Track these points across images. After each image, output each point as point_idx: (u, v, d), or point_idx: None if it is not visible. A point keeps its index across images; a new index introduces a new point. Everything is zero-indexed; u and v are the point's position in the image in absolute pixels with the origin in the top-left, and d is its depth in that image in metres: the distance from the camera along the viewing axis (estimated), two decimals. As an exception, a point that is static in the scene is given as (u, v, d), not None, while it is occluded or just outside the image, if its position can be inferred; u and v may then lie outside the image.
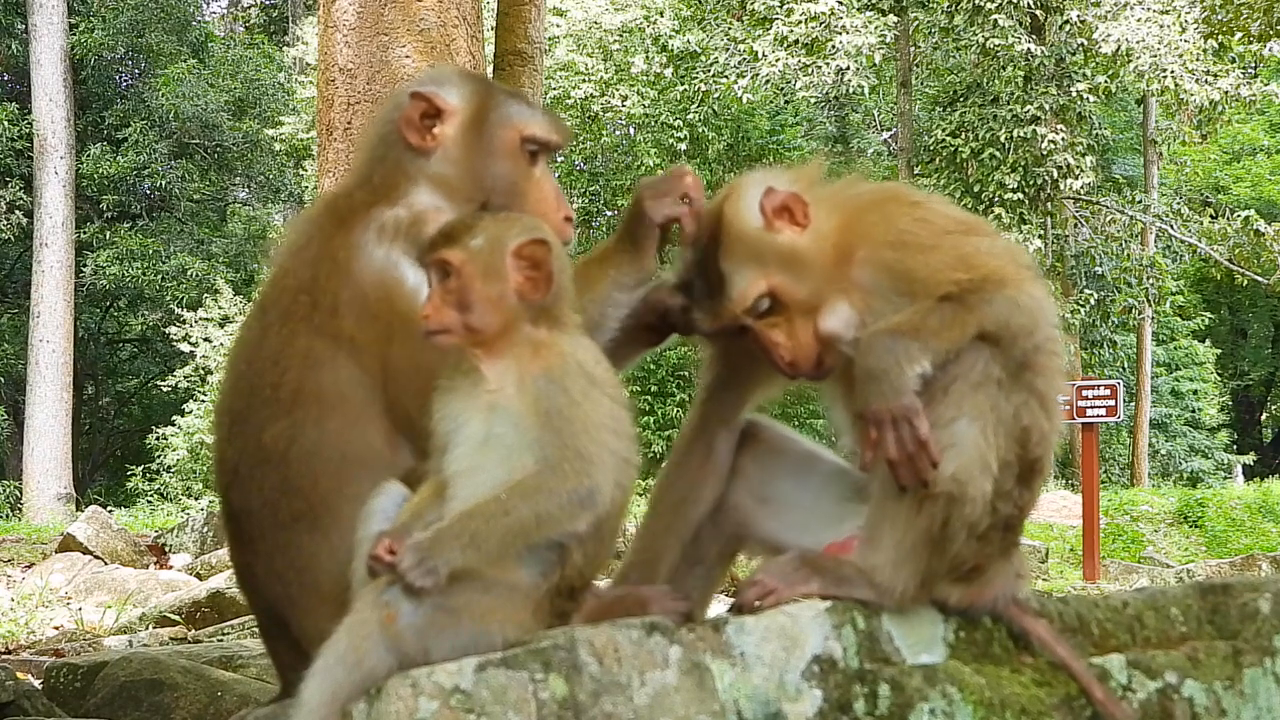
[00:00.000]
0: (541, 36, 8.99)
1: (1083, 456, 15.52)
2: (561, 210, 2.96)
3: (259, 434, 2.70)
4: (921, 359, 2.43)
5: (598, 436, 2.29)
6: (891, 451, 2.42)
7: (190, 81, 28.80)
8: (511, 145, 2.93)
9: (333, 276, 2.72)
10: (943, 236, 2.58)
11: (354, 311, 2.69)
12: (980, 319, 2.47)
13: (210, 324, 26.43)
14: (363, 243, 2.74)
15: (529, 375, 2.31)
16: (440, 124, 2.91)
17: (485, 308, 2.35)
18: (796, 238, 2.60)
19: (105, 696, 4.81)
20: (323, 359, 2.68)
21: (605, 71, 29.86)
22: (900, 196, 2.72)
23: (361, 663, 2.17)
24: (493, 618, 2.22)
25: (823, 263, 2.60)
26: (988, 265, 2.52)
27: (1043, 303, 2.54)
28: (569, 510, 2.25)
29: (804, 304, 2.60)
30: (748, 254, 2.61)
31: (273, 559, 2.71)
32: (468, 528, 2.21)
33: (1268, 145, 37.18)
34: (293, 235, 2.90)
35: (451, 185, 2.88)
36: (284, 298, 2.77)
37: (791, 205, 2.61)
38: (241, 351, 2.83)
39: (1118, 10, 25.46)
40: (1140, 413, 30.34)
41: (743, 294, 2.62)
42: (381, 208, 2.79)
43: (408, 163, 2.88)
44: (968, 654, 2.54)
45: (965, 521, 2.45)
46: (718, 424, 2.80)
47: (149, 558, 12.89)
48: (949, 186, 25.56)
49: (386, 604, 2.18)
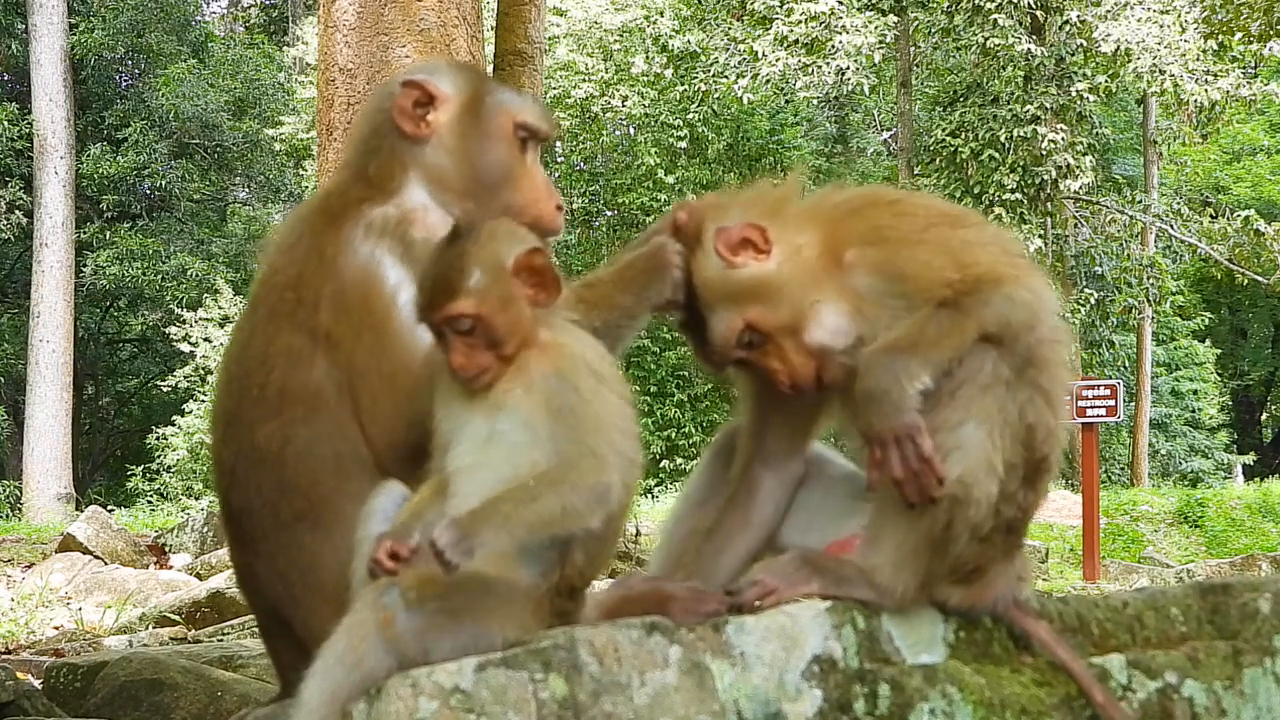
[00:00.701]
0: (541, 36, 8.99)
1: (1083, 456, 15.52)
2: (553, 199, 2.96)
3: (252, 434, 2.69)
4: (921, 374, 2.42)
5: (608, 435, 2.29)
6: (896, 471, 2.42)
7: (190, 81, 28.80)
8: (505, 132, 2.92)
9: (318, 272, 2.71)
10: (926, 230, 2.57)
11: (332, 306, 2.67)
12: (980, 322, 2.46)
13: (210, 324, 26.43)
14: (350, 239, 2.72)
15: (538, 375, 2.31)
16: (434, 111, 2.89)
17: (510, 333, 2.33)
18: (762, 265, 2.59)
19: (105, 696, 4.81)
20: (303, 356, 2.67)
21: (605, 71, 29.87)
22: (879, 197, 2.71)
23: (360, 664, 2.17)
24: (493, 618, 2.22)
25: (803, 278, 2.58)
26: (980, 263, 2.51)
27: (1041, 295, 2.52)
28: (589, 505, 2.25)
29: (787, 326, 2.58)
30: (718, 297, 2.62)
31: (274, 559, 2.70)
32: (500, 509, 2.20)
33: (1268, 145, 37.18)
34: (284, 232, 2.89)
35: (445, 175, 2.87)
36: (271, 295, 2.76)
37: (748, 236, 2.60)
38: (233, 351, 2.82)
39: (1118, 10, 25.46)
40: (1140, 413, 30.35)
41: (724, 336, 2.62)
42: (372, 205, 2.77)
43: (403, 152, 2.87)
44: (968, 654, 2.54)
45: (968, 524, 2.45)
46: (759, 464, 2.74)
47: (149, 558, 12.90)
48: (949, 186, 25.57)
49: (385, 606, 2.18)
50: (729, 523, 2.72)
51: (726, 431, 2.85)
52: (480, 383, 2.32)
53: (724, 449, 2.82)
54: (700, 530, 2.75)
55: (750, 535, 2.71)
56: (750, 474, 2.73)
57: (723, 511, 2.73)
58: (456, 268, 2.34)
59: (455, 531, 2.16)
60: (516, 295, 2.35)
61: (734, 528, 2.72)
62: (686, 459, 26.36)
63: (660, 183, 29.75)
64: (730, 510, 2.72)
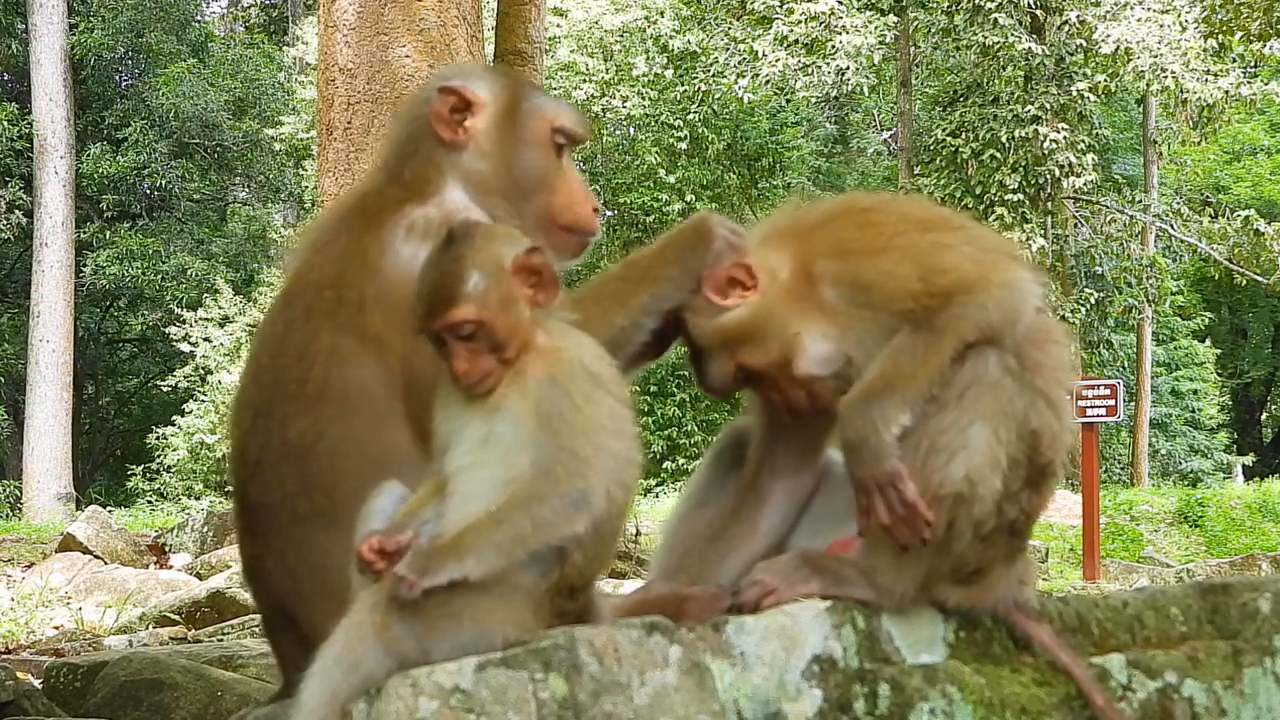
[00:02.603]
0: (541, 36, 9.00)
1: (1083, 456, 15.52)
2: (589, 201, 2.97)
3: (283, 429, 2.69)
4: (900, 415, 2.43)
5: (595, 438, 2.28)
6: (883, 517, 2.43)
7: (190, 81, 28.81)
8: (542, 137, 2.93)
9: (360, 273, 2.71)
10: (892, 239, 2.56)
11: (381, 309, 2.68)
12: (958, 334, 2.46)
13: (210, 324, 26.45)
14: (392, 240, 2.73)
15: (533, 378, 2.31)
16: (471, 117, 2.90)
17: (512, 336, 2.32)
18: (749, 303, 2.61)
19: (105, 696, 4.81)
20: (349, 356, 2.68)
21: (606, 72, 29.88)
22: (849, 207, 2.71)
23: (359, 665, 2.17)
24: (493, 618, 2.22)
25: (783, 308, 2.59)
26: (947, 270, 2.49)
27: (1015, 288, 2.50)
28: (564, 514, 2.24)
29: (775, 362, 2.60)
30: (711, 343, 2.65)
31: (285, 554, 2.70)
32: (463, 542, 2.19)
33: (1268, 145, 37.20)
34: (319, 230, 2.89)
35: (483, 179, 2.87)
36: (308, 292, 2.76)
37: (733, 275, 2.62)
38: (265, 345, 2.82)
39: (1118, 10, 25.46)
40: (1140, 412, 30.36)
41: (721, 380, 2.66)
42: (413, 205, 2.78)
43: (440, 157, 2.88)
44: (968, 654, 2.54)
45: (971, 522, 2.45)
46: (767, 475, 2.74)
47: (149, 558, 12.91)
48: (949, 186, 25.58)
49: (383, 610, 2.18)
50: (735, 531, 2.72)
51: (729, 432, 2.85)
52: (483, 388, 2.31)
53: (726, 450, 2.82)
54: (701, 532, 2.75)
55: (756, 544, 2.70)
56: (759, 484, 2.74)
57: (729, 520, 2.73)
58: (454, 273, 2.31)
59: (418, 564, 2.17)
60: (517, 297, 2.34)
61: (740, 536, 2.71)
62: (687, 458, 26.37)
63: (660, 182, 29.77)
64: (737, 519, 2.72)
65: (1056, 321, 2.65)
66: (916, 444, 2.45)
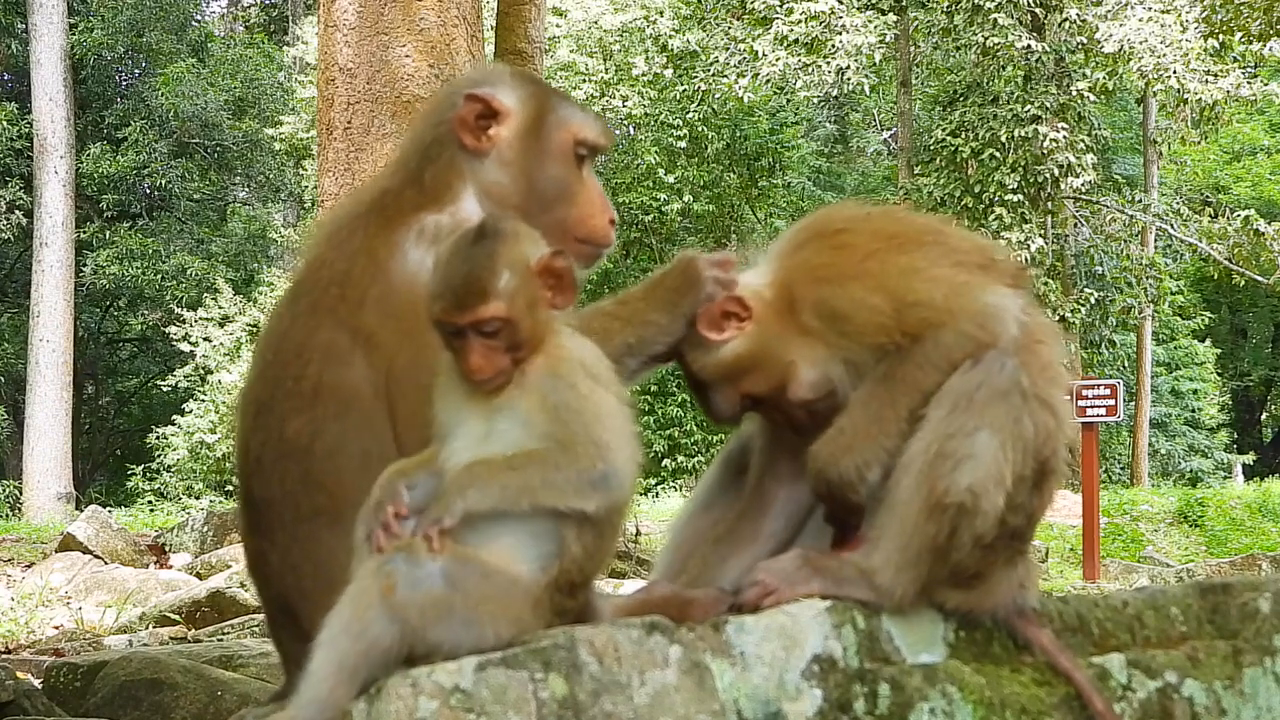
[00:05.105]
0: (541, 36, 9.01)
1: (1083, 456, 15.51)
2: (607, 213, 2.96)
3: (282, 426, 2.69)
4: (873, 463, 2.49)
5: (610, 424, 2.29)
6: None
7: (190, 81, 28.82)
8: (565, 149, 2.92)
9: (367, 272, 2.71)
10: (863, 262, 2.57)
11: (379, 309, 2.68)
12: (940, 362, 2.48)
13: (210, 324, 26.46)
14: (402, 243, 2.73)
15: (534, 375, 2.31)
16: (496, 126, 2.88)
17: (532, 336, 2.32)
18: (746, 333, 2.64)
19: (105, 696, 4.81)
20: (342, 354, 2.67)
21: (605, 72, 29.88)
22: (824, 227, 2.71)
23: (365, 632, 2.17)
24: (491, 607, 2.22)
25: (775, 335, 2.62)
26: (919, 300, 2.50)
27: (988, 319, 2.49)
28: (577, 487, 2.24)
29: (776, 388, 2.62)
30: (712, 376, 2.67)
31: (289, 550, 2.70)
32: (471, 473, 2.24)
33: (1268, 145, 37.19)
34: (334, 225, 2.88)
35: (501, 189, 2.86)
36: (316, 288, 2.76)
37: (727, 309, 2.64)
38: (269, 340, 2.82)
39: (1118, 9, 25.45)
40: (1140, 412, 30.35)
41: (729, 410, 2.70)
42: (429, 211, 2.78)
43: (461, 163, 2.86)
44: (968, 653, 2.54)
45: (973, 533, 2.45)
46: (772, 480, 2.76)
47: (149, 557, 12.92)
48: (949, 186, 25.58)
49: (387, 574, 2.18)
50: (738, 534, 2.73)
51: (737, 437, 2.86)
52: (494, 385, 2.31)
53: (734, 454, 2.84)
54: (706, 534, 2.76)
55: (759, 547, 2.71)
56: (763, 488, 2.75)
57: (733, 523, 2.74)
58: (488, 268, 2.30)
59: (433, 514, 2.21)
60: (540, 298, 2.35)
61: (743, 539, 2.73)
62: (688, 457, 26.37)
63: (660, 182, 29.77)
64: (740, 522, 2.74)
65: (1046, 321, 2.64)
66: (925, 447, 2.45)
